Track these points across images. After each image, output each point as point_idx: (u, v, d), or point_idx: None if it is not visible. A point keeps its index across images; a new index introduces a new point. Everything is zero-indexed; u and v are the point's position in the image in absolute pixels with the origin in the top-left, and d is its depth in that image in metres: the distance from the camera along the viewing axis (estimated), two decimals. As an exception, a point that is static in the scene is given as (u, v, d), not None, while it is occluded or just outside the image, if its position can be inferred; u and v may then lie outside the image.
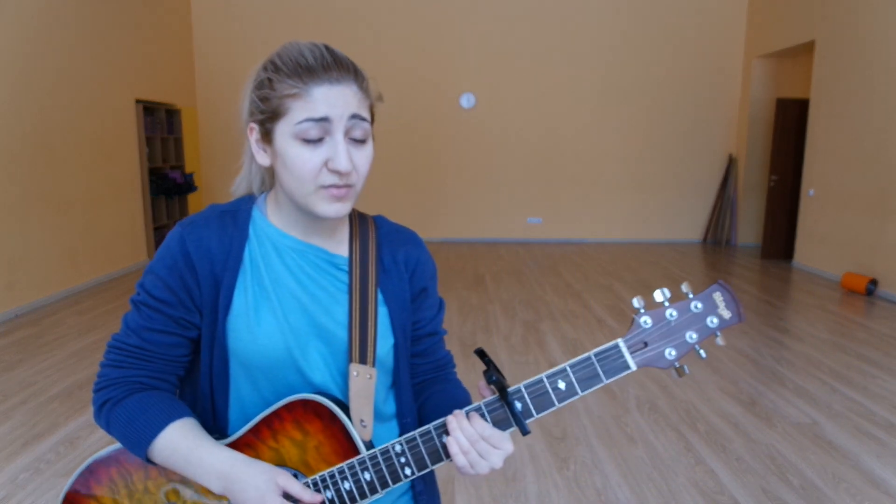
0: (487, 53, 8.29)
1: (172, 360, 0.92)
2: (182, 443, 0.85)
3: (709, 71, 8.33)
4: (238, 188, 1.02)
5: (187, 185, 7.66)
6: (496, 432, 0.83)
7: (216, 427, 0.93)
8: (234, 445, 0.89)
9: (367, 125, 0.86)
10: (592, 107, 8.42)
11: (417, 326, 1.02)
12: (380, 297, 0.96)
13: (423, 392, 1.04)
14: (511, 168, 8.56)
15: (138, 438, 0.86)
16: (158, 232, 7.33)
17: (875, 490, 2.46)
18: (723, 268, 7.05)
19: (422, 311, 1.02)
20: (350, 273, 0.95)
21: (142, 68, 6.88)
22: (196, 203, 8.36)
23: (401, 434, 0.99)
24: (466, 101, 8.42)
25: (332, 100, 0.82)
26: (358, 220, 1.00)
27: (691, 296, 0.84)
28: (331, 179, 0.84)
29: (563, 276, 6.46)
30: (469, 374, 3.67)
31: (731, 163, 8.44)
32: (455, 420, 0.83)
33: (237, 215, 0.94)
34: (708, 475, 2.57)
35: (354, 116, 0.84)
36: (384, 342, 0.95)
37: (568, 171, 8.57)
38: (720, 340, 0.85)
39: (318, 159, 0.83)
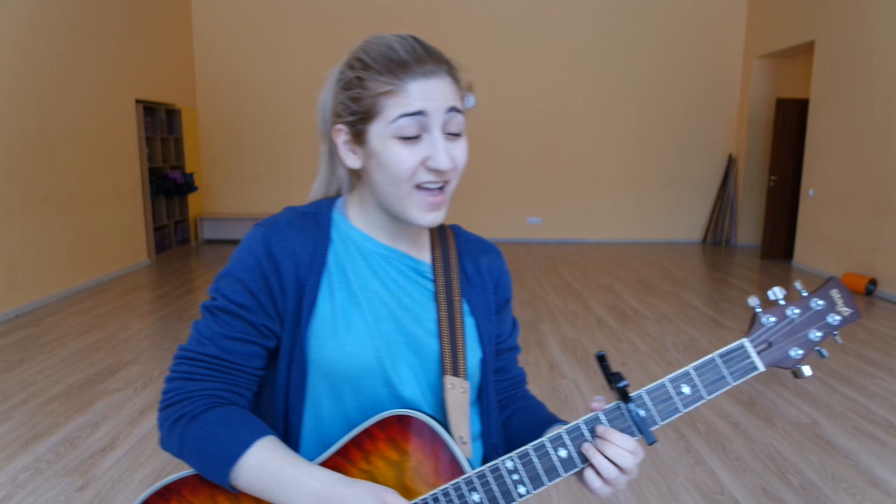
0: (487, 53, 8.29)
1: (250, 373, 0.84)
2: (271, 462, 0.75)
3: (709, 71, 8.33)
4: (316, 194, 0.96)
5: (187, 185, 7.66)
6: (637, 445, 0.77)
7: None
8: None
9: (462, 118, 0.83)
10: (592, 107, 8.43)
11: (499, 340, 0.97)
12: (465, 307, 0.91)
13: (505, 409, 0.99)
14: (511, 168, 8.56)
15: (221, 457, 0.76)
16: (158, 232, 7.33)
17: (875, 490, 2.47)
18: (723, 268, 7.05)
19: (502, 325, 0.98)
20: (435, 281, 0.90)
21: (142, 68, 6.88)
22: (196, 203, 8.36)
23: (485, 456, 0.93)
24: (466, 100, 8.39)
25: (428, 93, 0.78)
26: (437, 229, 0.95)
27: (806, 294, 0.82)
28: (428, 177, 0.80)
29: (563, 276, 6.46)
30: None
31: (731, 163, 8.44)
32: (592, 445, 0.77)
33: (318, 217, 0.88)
34: (708, 475, 2.58)
35: (451, 109, 0.80)
36: (473, 355, 0.89)
37: (568, 171, 8.58)
38: (839, 339, 0.82)
39: (416, 157, 0.79)
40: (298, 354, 0.82)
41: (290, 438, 0.85)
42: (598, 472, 0.77)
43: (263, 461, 0.75)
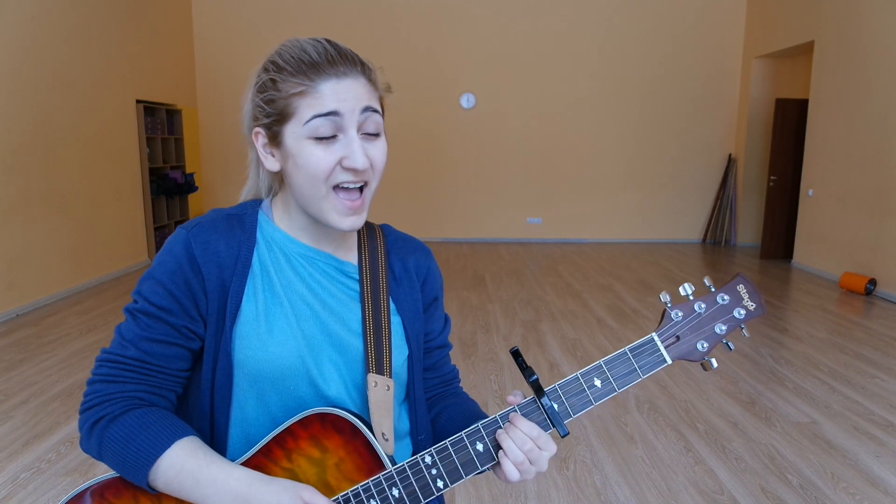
0: (487, 53, 8.30)
1: (172, 375, 0.84)
2: (190, 461, 0.76)
3: (708, 71, 8.34)
4: (246, 198, 0.97)
5: (188, 186, 7.67)
6: (543, 433, 0.79)
7: (215, 449, 0.84)
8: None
9: (379, 118, 0.83)
10: (592, 107, 8.43)
11: (428, 338, 0.98)
12: (392, 306, 0.92)
13: (434, 407, 1.00)
14: (511, 168, 8.56)
15: (138, 458, 0.76)
16: (159, 232, 7.34)
17: (873, 489, 2.47)
18: (722, 268, 7.06)
19: (432, 323, 0.99)
20: (361, 281, 0.91)
21: (142, 68, 6.88)
22: (196, 203, 8.37)
23: (414, 453, 0.94)
24: (466, 101, 8.42)
25: (340, 94, 0.78)
26: (365, 228, 0.96)
27: (714, 289, 0.84)
28: (345, 177, 0.80)
29: (563, 276, 6.47)
30: (469, 374, 3.68)
31: (731, 163, 8.45)
32: (502, 430, 0.79)
33: (243, 219, 0.89)
34: (707, 475, 2.58)
35: (366, 109, 0.80)
36: (399, 353, 0.90)
37: (568, 171, 8.58)
38: (746, 332, 0.85)
39: (332, 158, 0.79)
40: (223, 356, 0.83)
41: (217, 439, 0.85)
42: (506, 455, 0.79)
43: (181, 461, 0.76)
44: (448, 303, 5.32)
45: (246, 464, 0.81)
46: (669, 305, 0.83)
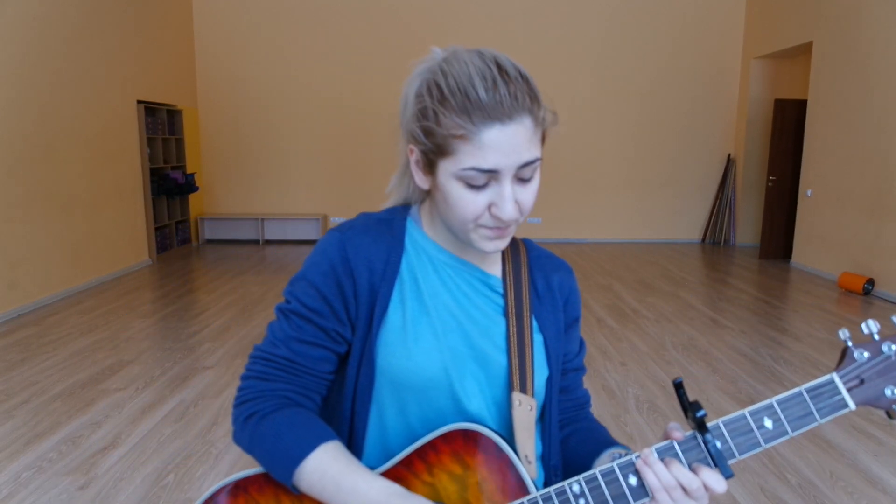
0: (487, 54, 8.30)
1: (320, 377, 0.85)
2: (333, 467, 0.76)
3: (707, 71, 8.35)
4: (392, 187, 0.94)
5: (188, 186, 7.68)
6: (698, 482, 0.72)
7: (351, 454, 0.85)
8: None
9: (537, 164, 0.78)
10: (592, 107, 8.44)
11: (566, 360, 0.96)
12: (534, 324, 0.89)
13: (564, 429, 0.98)
14: (511, 168, 8.56)
15: (286, 458, 0.77)
16: (160, 232, 7.35)
17: (872, 489, 2.48)
18: (721, 268, 7.07)
19: (570, 344, 0.96)
20: (505, 295, 0.88)
21: (143, 69, 6.89)
22: (197, 203, 8.37)
23: (546, 478, 0.91)
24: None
25: (503, 146, 0.73)
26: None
27: None
28: (493, 223, 0.78)
29: (563, 276, 6.47)
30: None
31: (730, 163, 8.46)
32: (647, 463, 0.73)
33: (392, 224, 0.88)
34: (706, 473, 2.59)
35: (526, 165, 0.76)
36: (540, 373, 0.87)
37: (567, 171, 8.59)
38: None
39: (481, 202, 0.77)
40: (367, 361, 0.83)
41: (355, 444, 0.86)
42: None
43: (325, 465, 0.76)
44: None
45: (387, 474, 0.80)
46: (851, 344, 0.75)
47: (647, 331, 4.55)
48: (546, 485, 0.86)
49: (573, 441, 0.95)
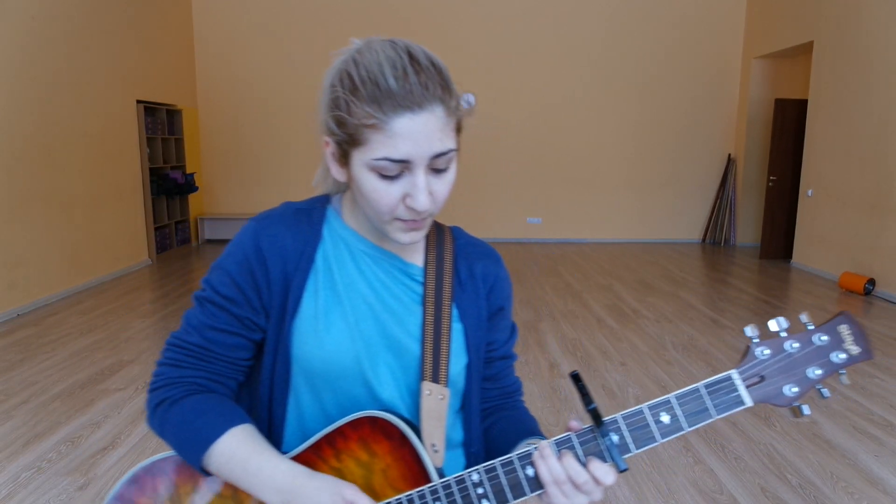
0: (487, 53, 8.31)
1: (234, 363, 0.86)
2: (240, 450, 0.78)
3: (708, 71, 8.35)
4: (317, 181, 0.95)
5: (188, 186, 7.68)
6: (586, 476, 0.73)
7: (271, 439, 0.86)
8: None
9: (452, 154, 0.78)
10: (592, 107, 8.44)
11: (491, 348, 0.95)
12: (455, 312, 0.89)
13: (488, 418, 0.98)
14: (511, 168, 8.57)
15: (194, 442, 0.79)
16: (159, 232, 7.34)
17: (873, 489, 2.48)
18: (722, 268, 7.07)
19: (497, 333, 0.96)
20: (424, 284, 0.89)
21: (143, 69, 6.89)
22: (197, 203, 8.37)
23: (467, 466, 0.92)
24: (466, 101, 8.40)
25: (414, 135, 0.73)
26: (435, 230, 0.94)
27: (812, 327, 0.75)
28: (408, 214, 0.78)
29: (563, 276, 6.48)
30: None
31: (730, 163, 8.45)
32: (541, 456, 0.75)
33: (312, 213, 0.88)
34: (707, 474, 2.59)
35: (439, 155, 0.75)
36: (457, 361, 0.88)
37: (567, 171, 8.59)
38: (845, 379, 0.75)
39: (395, 193, 0.76)
40: (282, 349, 0.84)
41: (274, 429, 0.87)
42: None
43: (233, 449, 0.78)
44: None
45: (297, 458, 0.82)
46: (756, 341, 0.75)
47: (647, 331, 4.55)
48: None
49: (496, 430, 0.95)
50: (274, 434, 0.87)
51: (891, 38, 5.55)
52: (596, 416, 0.74)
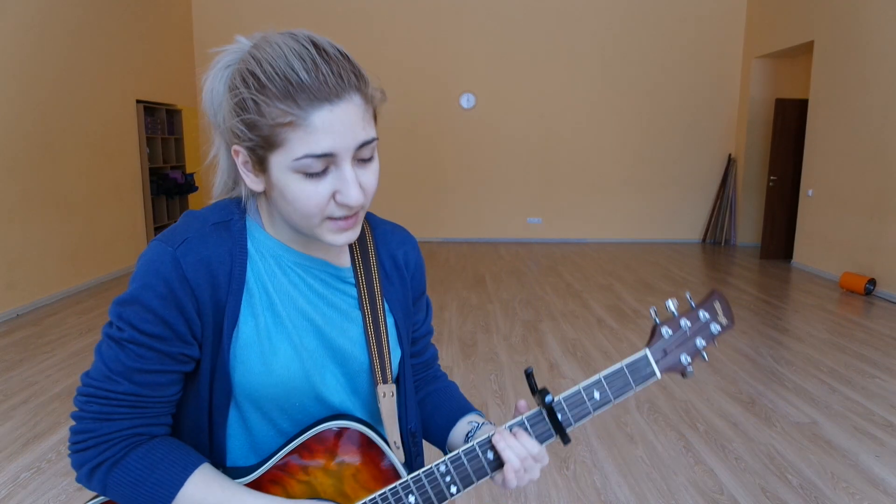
0: (487, 53, 8.30)
1: (168, 401, 0.78)
2: (208, 497, 0.73)
3: (708, 71, 8.34)
4: (218, 190, 0.86)
5: (188, 186, 7.68)
6: (542, 449, 0.84)
7: (214, 460, 0.83)
8: (258, 482, 0.79)
9: (374, 143, 0.75)
10: (592, 107, 8.44)
11: (415, 328, 0.98)
12: (386, 307, 0.90)
13: (419, 392, 1.02)
14: (511, 168, 8.56)
15: (155, 500, 0.73)
16: (159, 232, 7.33)
17: (874, 489, 2.47)
18: (722, 268, 7.06)
19: (419, 314, 0.98)
20: (357, 287, 0.87)
21: (142, 68, 6.89)
22: (197, 203, 8.37)
23: (404, 443, 0.94)
24: (466, 101, 8.42)
25: (336, 127, 0.69)
26: None
27: (693, 304, 0.92)
28: (340, 212, 0.74)
29: (563, 276, 6.47)
30: (469, 374, 3.68)
31: (731, 163, 8.45)
32: (503, 440, 0.83)
33: (231, 227, 0.80)
34: (707, 475, 2.58)
35: (363, 145, 0.73)
36: (395, 355, 0.89)
37: (568, 171, 8.58)
38: (716, 343, 0.94)
39: (324, 192, 0.72)
40: (221, 377, 0.78)
41: (216, 451, 0.83)
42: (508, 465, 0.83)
43: (202, 495, 0.73)
44: (448, 302, 5.32)
45: (261, 478, 0.80)
46: (658, 322, 0.90)
47: (648, 331, 4.54)
48: (405, 448, 0.92)
49: (429, 405, 0.99)
50: (216, 454, 0.83)
51: (891, 37, 5.54)
52: (550, 406, 0.84)
